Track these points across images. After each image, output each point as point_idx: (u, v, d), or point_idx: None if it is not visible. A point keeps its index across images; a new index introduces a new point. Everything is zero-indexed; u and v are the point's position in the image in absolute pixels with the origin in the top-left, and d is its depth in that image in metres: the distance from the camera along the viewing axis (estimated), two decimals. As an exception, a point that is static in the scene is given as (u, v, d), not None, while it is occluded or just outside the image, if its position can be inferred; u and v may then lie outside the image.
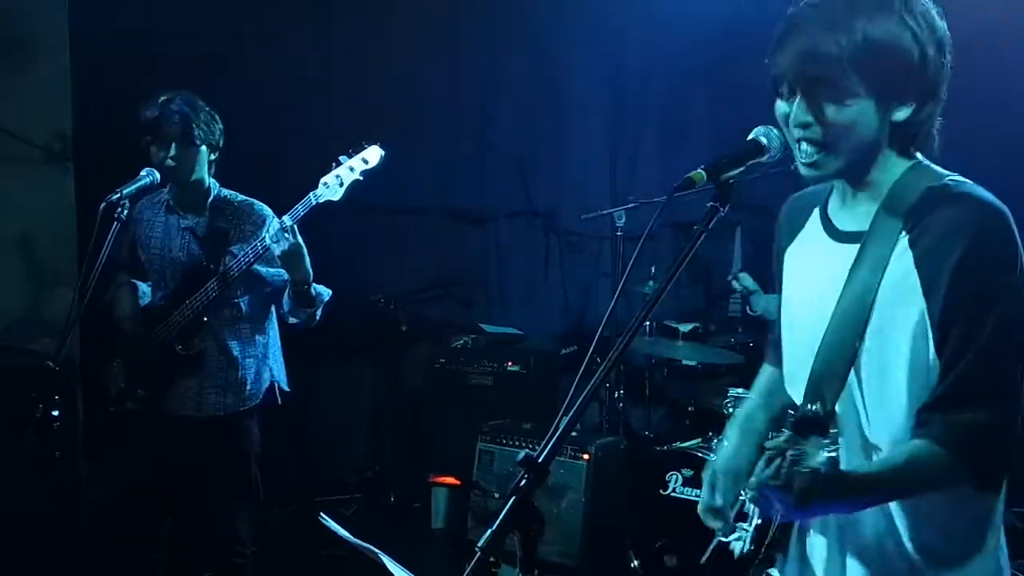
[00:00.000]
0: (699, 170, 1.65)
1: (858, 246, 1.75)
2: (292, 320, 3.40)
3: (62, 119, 4.44)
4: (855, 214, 1.80)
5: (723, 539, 2.02)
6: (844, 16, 1.65)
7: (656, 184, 5.86)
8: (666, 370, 5.39)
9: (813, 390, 1.74)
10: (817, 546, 1.86)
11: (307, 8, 5.66)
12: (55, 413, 3.22)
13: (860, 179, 1.77)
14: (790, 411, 1.78)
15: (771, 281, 2.14)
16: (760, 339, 4.86)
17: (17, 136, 4.33)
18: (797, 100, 1.69)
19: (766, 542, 1.80)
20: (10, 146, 4.32)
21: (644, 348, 5.03)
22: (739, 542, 1.96)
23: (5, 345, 4.25)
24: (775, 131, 1.74)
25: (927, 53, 1.68)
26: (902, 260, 1.69)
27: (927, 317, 1.66)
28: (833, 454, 1.54)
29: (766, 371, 2.20)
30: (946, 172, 1.76)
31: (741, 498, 2.04)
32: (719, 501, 2.01)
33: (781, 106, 1.74)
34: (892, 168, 1.76)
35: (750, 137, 1.75)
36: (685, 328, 5.12)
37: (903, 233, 1.70)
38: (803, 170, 1.74)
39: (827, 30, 1.64)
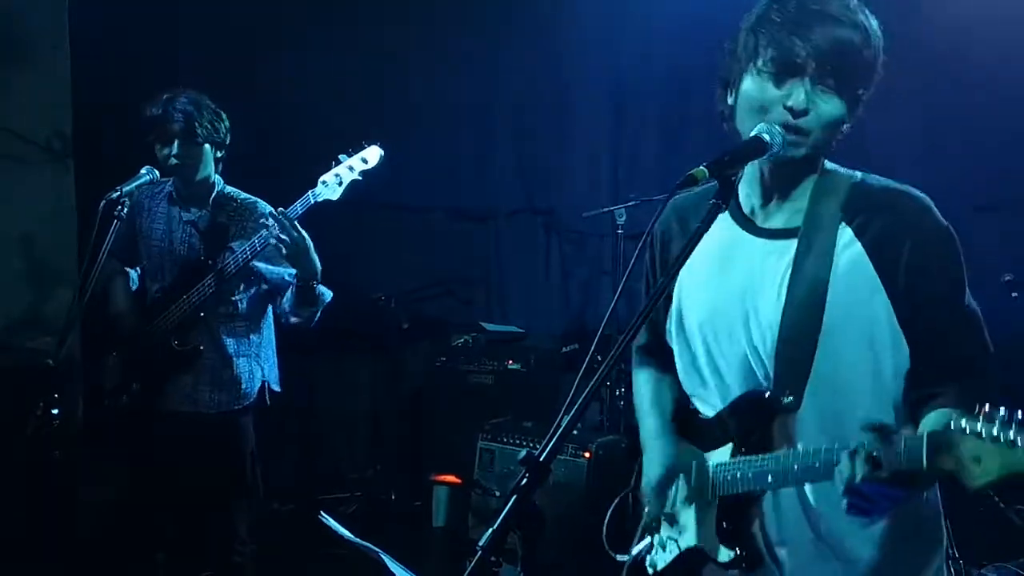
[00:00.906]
0: (701, 167, 1.65)
1: (794, 241, 1.79)
2: (293, 319, 3.39)
3: (62, 118, 4.43)
4: (782, 212, 1.84)
5: (630, 557, 2.06)
6: (850, 10, 1.71)
7: (657, 182, 5.84)
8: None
9: (780, 383, 1.78)
10: (778, 549, 1.85)
11: (307, 6, 5.66)
12: (55, 412, 3.22)
13: (796, 173, 1.81)
14: (740, 404, 1.82)
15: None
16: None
17: (17, 135, 4.32)
18: (803, 87, 1.70)
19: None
20: (10, 145, 4.31)
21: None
22: (657, 555, 1.97)
23: (5, 344, 4.24)
24: (777, 128, 1.74)
25: (879, 57, 1.75)
26: (850, 250, 1.76)
27: (888, 300, 1.73)
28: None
29: (648, 378, 2.17)
30: (849, 170, 1.84)
31: (667, 504, 2.01)
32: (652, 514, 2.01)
33: (770, 87, 1.73)
34: (815, 169, 1.83)
35: (752, 134, 1.75)
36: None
37: (842, 225, 1.76)
38: (777, 142, 1.73)
39: (842, 24, 1.69)
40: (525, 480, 1.44)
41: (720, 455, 1.88)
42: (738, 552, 1.83)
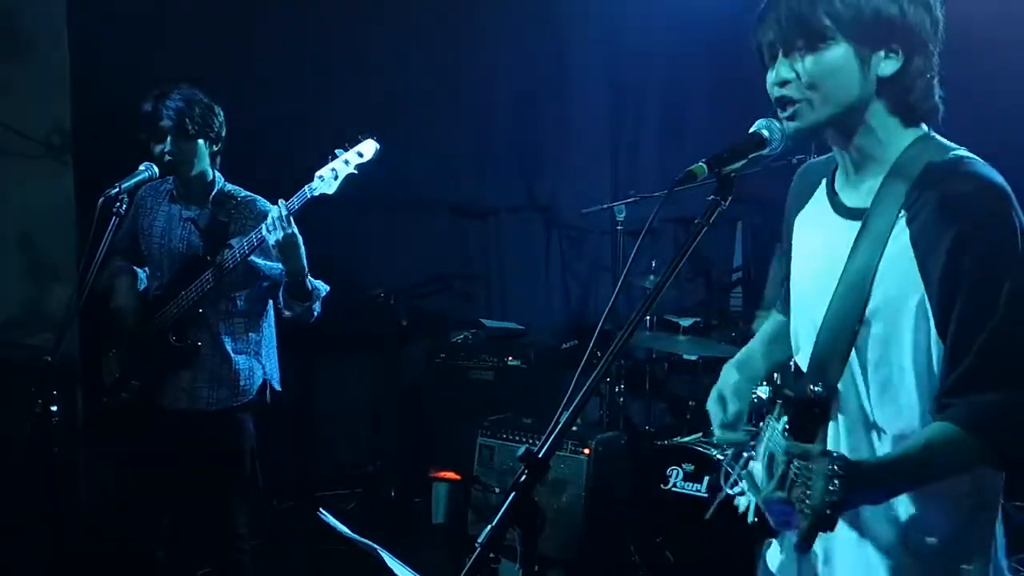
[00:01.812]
0: (700, 163, 1.65)
1: (860, 223, 1.73)
2: (287, 314, 3.39)
3: (61, 114, 4.43)
4: (859, 190, 1.78)
5: (728, 492, 1.99)
6: None
7: (657, 178, 5.85)
8: (667, 365, 5.39)
9: (815, 369, 1.74)
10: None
11: (306, 2, 5.65)
12: (54, 408, 3.22)
13: (856, 144, 1.74)
14: (786, 390, 1.77)
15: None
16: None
17: (16, 131, 4.32)
18: (779, 60, 1.71)
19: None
20: (9, 141, 4.31)
21: (645, 343, 5.02)
22: (744, 498, 1.92)
23: (4, 340, 4.24)
24: (777, 124, 1.73)
25: (905, 6, 1.67)
26: (900, 239, 1.67)
27: (926, 297, 1.64)
28: (835, 486, 1.46)
29: (774, 318, 2.15)
30: (953, 145, 1.72)
31: (744, 454, 1.96)
32: (732, 410, 1.94)
33: (768, 74, 1.75)
34: (897, 140, 1.73)
35: (752, 130, 1.75)
36: (686, 323, 5.11)
37: (902, 211, 1.67)
38: (785, 125, 1.73)
39: None
40: (524, 477, 1.44)
41: (780, 424, 1.80)
42: (758, 520, 1.80)
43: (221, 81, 3.76)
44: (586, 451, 4.29)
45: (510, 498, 1.42)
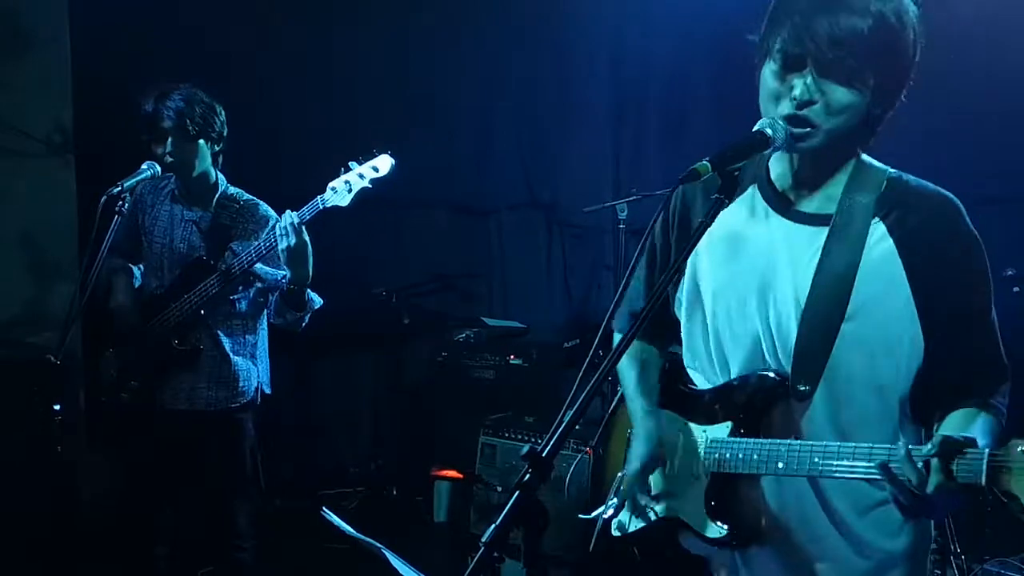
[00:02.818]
0: (704, 162, 1.64)
1: (825, 229, 1.79)
2: (276, 320, 3.39)
3: (63, 112, 4.43)
4: (817, 197, 1.83)
5: (603, 516, 2.06)
6: (872, 7, 1.67)
7: (659, 176, 5.84)
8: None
9: (798, 369, 1.77)
10: (772, 531, 1.86)
11: (308, 2, 5.64)
12: (56, 407, 3.22)
13: (824, 160, 1.80)
14: (746, 385, 1.82)
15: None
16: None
17: (17, 129, 4.32)
18: (807, 77, 1.69)
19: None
20: (10, 139, 4.31)
21: (647, 341, 5.01)
22: (628, 519, 2.00)
23: (6, 339, 4.24)
24: (780, 122, 1.73)
25: (918, 50, 1.74)
26: (881, 244, 1.76)
27: (912, 298, 1.74)
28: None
29: (637, 344, 2.15)
30: (884, 165, 1.84)
31: (619, 474, 2.03)
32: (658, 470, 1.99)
33: (775, 78, 1.73)
34: (849, 157, 1.82)
35: (755, 128, 1.74)
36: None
37: (876, 219, 1.76)
38: (780, 136, 1.73)
39: (852, 12, 1.66)
40: (528, 476, 1.44)
41: (715, 431, 1.87)
42: (729, 529, 1.83)
43: (222, 81, 3.75)
44: (589, 450, 4.29)
45: (514, 497, 1.42)
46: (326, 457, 5.90)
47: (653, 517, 1.96)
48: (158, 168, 3.31)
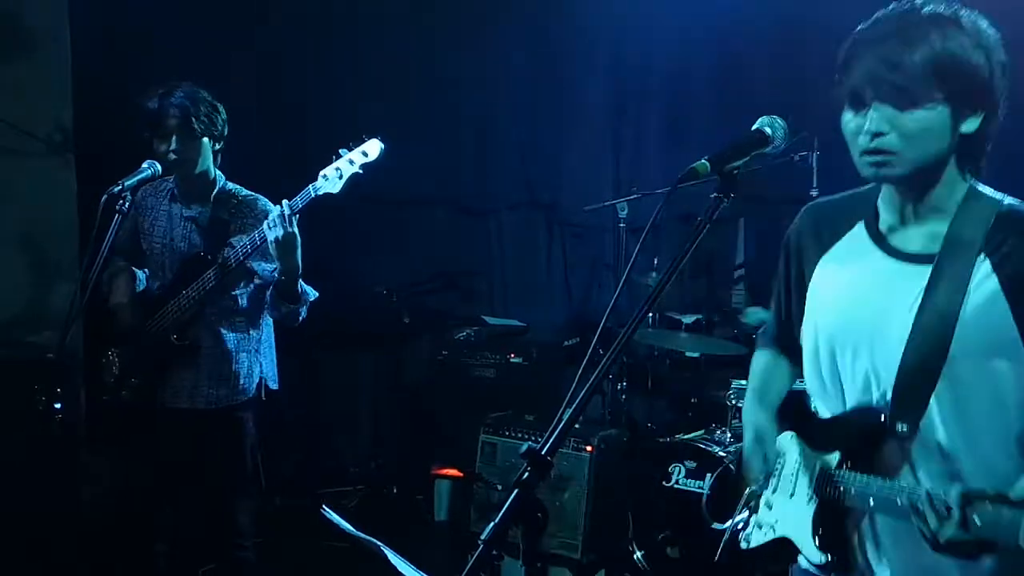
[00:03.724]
0: (703, 161, 1.65)
1: (929, 267, 1.76)
2: (273, 315, 3.39)
3: (63, 111, 4.43)
4: (919, 235, 1.81)
5: (729, 527, 2.03)
6: (920, 31, 1.68)
7: (659, 175, 5.84)
8: (669, 362, 5.38)
9: (898, 410, 1.76)
10: (877, 563, 1.84)
11: (308, 2, 5.64)
12: (57, 406, 3.22)
13: (924, 193, 1.78)
14: (857, 419, 1.81)
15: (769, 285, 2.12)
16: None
17: (18, 128, 4.32)
18: (872, 110, 1.70)
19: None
20: (11, 138, 4.31)
21: (647, 340, 5.02)
22: (752, 533, 1.97)
23: (6, 338, 4.24)
24: (779, 121, 1.74)
25: (995, 71, 1.73)
26: (986, 284, 1.72)
27: (1020, 340, 1.70)
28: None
29: (765, 355, 2.20)
30: (1000, 194, 1.79)
31: (752, 488, 2.04)
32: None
33: (851, 119, 1.75)
34: (957, 190, 1.79)
35: (754, 127, 1.75)
36: (688, 320, 5.11)
37: (982, 256, 1.73)
38: (867, 171, 1.75)
39: (905, 43, 1.68)
40: (527, 474, 1.44)
41: (827, 460, 1.87)
42: (831, 558, 1.83)
43: (222, 80, 3.76)
44: (589, 448, 4.29)
45: (513, 495, 1.42)
46: (326, 455, 5.90)
47: (772, 535, 1.95)
48: (159, 167, 3.31)
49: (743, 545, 2.01)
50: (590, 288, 6.32)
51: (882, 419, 1.78)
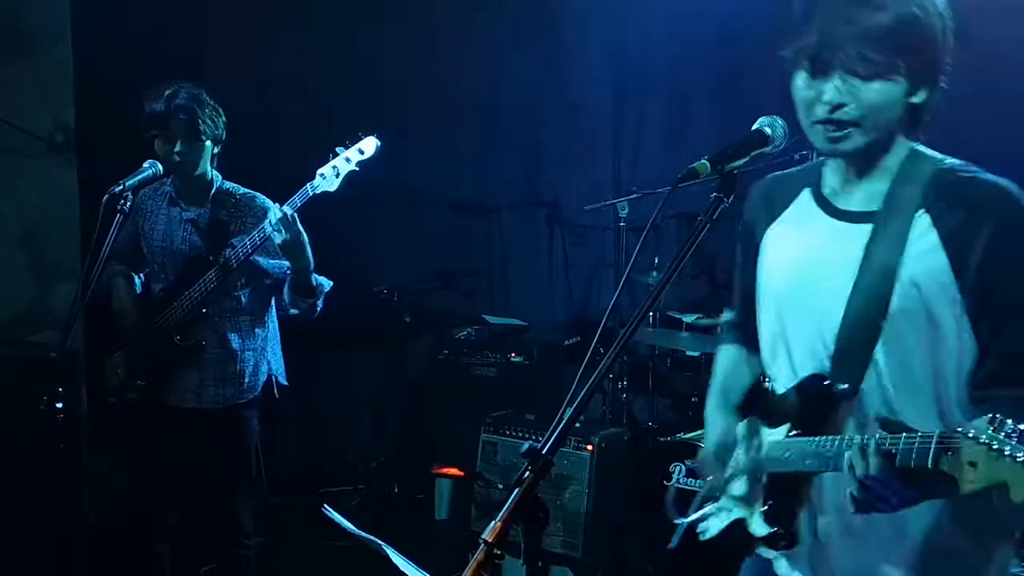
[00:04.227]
0: (703, 161, 1.65)
1: (870, 226, 1.75)
2: (292, 311, 3.40)
3: (64, 111, 4.44)
4: (861, 194, 1.80)
5: (688, 520, 2.05)
6: None
7: (660, 175, 5.84)
8: (669, 361, 5.38)
9: (838, 368, 1.75)
10: (828, 531, 1.84)
11: (308, 2, 5.65)
12: (59, 405, 3.22)
13: (871, 159, 1.77)
14: (803, 386, 1.79)
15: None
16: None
17: (19, 128, 4.33)
18: (835, 79, 1.68)
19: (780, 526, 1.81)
20: (12, 138, 4.32)
21: (647, 339, 5.02)
22: (710, 523, 1.98)
23: (8, 337, 4.25)
24: (779, 121, 1.74)
25: (947, 37, 1.71)
26: (925, 238, 1.70)
27: (959, 294, 1.68)
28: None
29: (729, 352, 2.20)
30: (943, 156, 1.78)
31: (708, 478, 2.05)
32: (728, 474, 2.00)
33: (807, 85, 1.72)
34: (899, 150, 1.77)
35: (754, 127, 1.75)
36: (689, 319, 5.11)
37: (921, 211, 1.71)
38: (822, 144, 1.73)
39: (872, 9, 1.65)
40: (528, 473, 1.44)
41: (777, 434, 1.86)
42: (777, 531, 1.82)
43: (223, 79, 3.77)
44: (589, 447, 4.29)
45: (514, 494, 1.42)
46: (328, 454, 5.91)
47: (728, 520, 1.94)
48: (160, 167, 3.32)
49: (702, 536, 2.00)
50: (591, 287, 6.32)
51: (825, 382, 1.76)
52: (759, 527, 1.84)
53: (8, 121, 4.29)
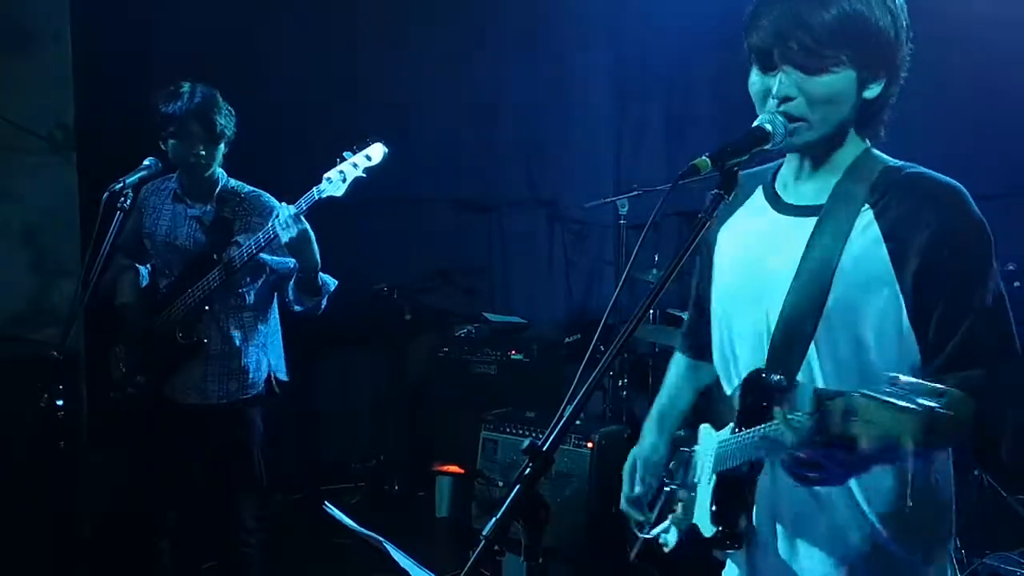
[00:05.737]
0: (703, 157, 1.65)
1: (814, 219, 1.76)
2: (297, 308, 3.40)
3: (65, 109, 4.44)
4: (809, 190, 1.82)
5: (647, 536, 2.06)
6: None
7: (660, 172, 5.85)
8: (670, 359, 5.38)
9: (774, 361, 1.76)
10: (768, 531, 1.85)
11: (309, 1, 5.65)
12: (59, 403, 3.23)
13: (824, 156, 1.79)
14: (744, 382, 1.81)
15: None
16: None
17: (20, 126, 4.33)
18: (780, 73, 1.70)
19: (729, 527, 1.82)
20: (13, 136, 4.32)
21: (648, 336, 5.03)
22: (670, 534, 1.99)
23: (9, 335, 4.25)
24: (780, 117, 1.73)
25: (900, 34, 1.73)
26: (867, 233, 1.71)
27: (899, 289, 1.68)
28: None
29: (678, 363, 2.28)
30: (895, 159, 1.80)
31: (666, 489, 2.07)
32: (639, 491, 2.11)
33: (758, 80, 1.75)
34: (852, 147, 1.79)
35: (755, 124, 1.74)
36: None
37: (866, 206, 1.72)
38: (780, 137, 1.72)
39: (817, 4, 1.66)
40: (528, 470, 1.44)
41: (722, 434, 1.88)
42: (721, 530, 1.82)
43: (224, 79, 3.76)
44: (589, 444, 4.30)
45: (514, 491, 1.42)
46: (328, 452, 5.91)
47: (685, 526, 1.95)
48: (160, 164, 3.33)
49: (664, 549, 2.01)
50: (591, 285, 6.33)
51: (762, 375, 1.77)
52: (707, 527, 1.85)
53: (8, 119, 4.29)
